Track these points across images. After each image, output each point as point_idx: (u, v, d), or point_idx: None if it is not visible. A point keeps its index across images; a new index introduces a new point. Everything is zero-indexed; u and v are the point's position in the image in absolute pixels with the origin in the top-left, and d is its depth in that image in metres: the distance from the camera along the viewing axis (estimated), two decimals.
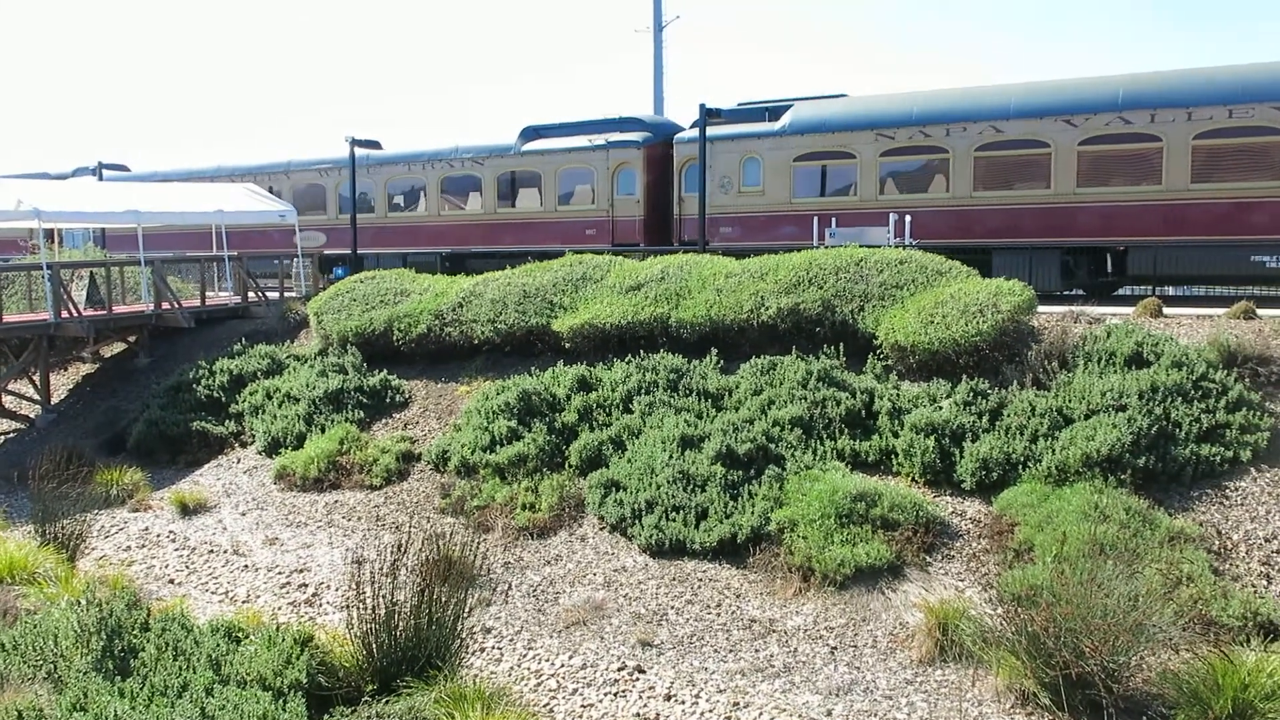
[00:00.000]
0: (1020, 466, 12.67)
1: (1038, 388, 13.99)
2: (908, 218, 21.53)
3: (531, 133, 29.05)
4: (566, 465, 15.15)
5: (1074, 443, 12.39)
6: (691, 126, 26.02)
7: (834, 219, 23.25)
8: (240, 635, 9.07)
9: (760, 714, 9.53)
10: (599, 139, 27.56)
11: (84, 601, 9.05)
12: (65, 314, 21.73)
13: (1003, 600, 9.73)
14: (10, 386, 22.66)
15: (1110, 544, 10.37)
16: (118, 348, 24.46)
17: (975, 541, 11.99)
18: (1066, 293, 21.24)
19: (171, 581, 13.82)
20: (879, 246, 18.63)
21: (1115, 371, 13.70)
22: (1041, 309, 16.18)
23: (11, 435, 21.91)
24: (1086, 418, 12.95)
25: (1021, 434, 13.08)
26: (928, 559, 11.72)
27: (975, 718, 9.12)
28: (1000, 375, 14.43)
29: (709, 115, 23.79)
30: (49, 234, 29.80)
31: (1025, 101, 22.17)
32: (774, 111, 25.40)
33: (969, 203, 22.62)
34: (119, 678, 7.59)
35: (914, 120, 23.22)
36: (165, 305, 23.57)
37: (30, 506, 15.18)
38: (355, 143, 28.20)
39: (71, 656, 8.18)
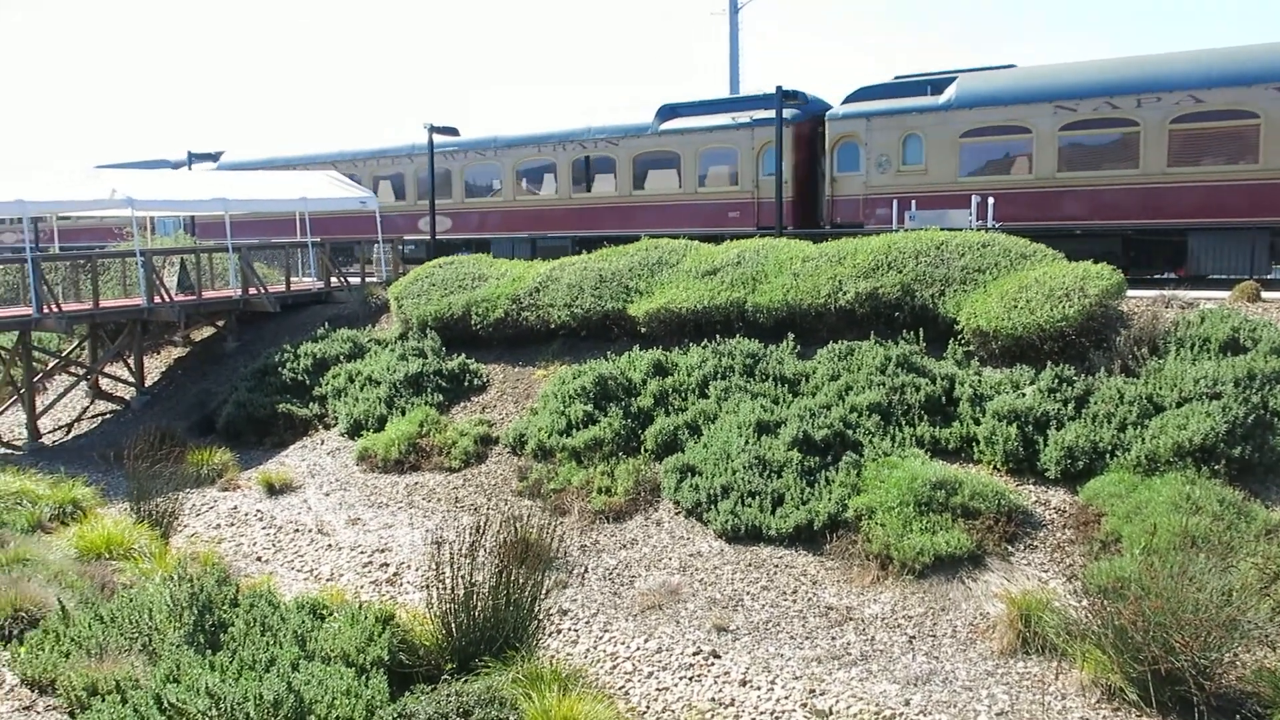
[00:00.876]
0: (1108, 455, 12.34)
1: (1126, 374, 13.62)
2: (990, 199, 21.03)
3: (669, 111, 27.93)
4: (642, 450, 15.18)
5: (1165, 431, 12.03)
6: (845, 102, 24.96)
7: (1004, 199, 21.88)
8: (324, 612, 9.27)
9: (837, 702, 9.46)
10: (743, 116, 26.15)
11: (177, 577, 9.34)
12: (158, 299, 22.41)
13: (1088, 592, 9.50)
14: (107, 369, 23.46)
15: (1203, 536, 10.04)
16: (207, 332, 25.16)
17: (1059, 532, 11.73)
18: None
19: (259, 559, 14.19)
20: (959, 228, 18.22)
21: (1209, 358, 13.26)
22: (1131, 293, 15.73)
23: (108, 416, 22.68)
24: (1178, 406, 12.56)
25: (1109, 422, 12.75)
26: (1010, 549, 11.51)
27: (1058, 711, 8.94)
28: (1087, 361, 14.07)
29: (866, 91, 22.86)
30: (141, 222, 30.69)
31: (1229, 68, 20.56)
32: (936, 85, 23.88)
33: (1162, 179, 21.09)
34: (210, 651, 7.82)
35: (1100, 90, 21.57)
36: (252, 290, 24.17)
37: (126, 485, 15.70)
38: (434, 129, 28.47)
39: (165, 630, 8.45)
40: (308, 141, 37.12)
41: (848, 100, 24.90)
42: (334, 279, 26.11)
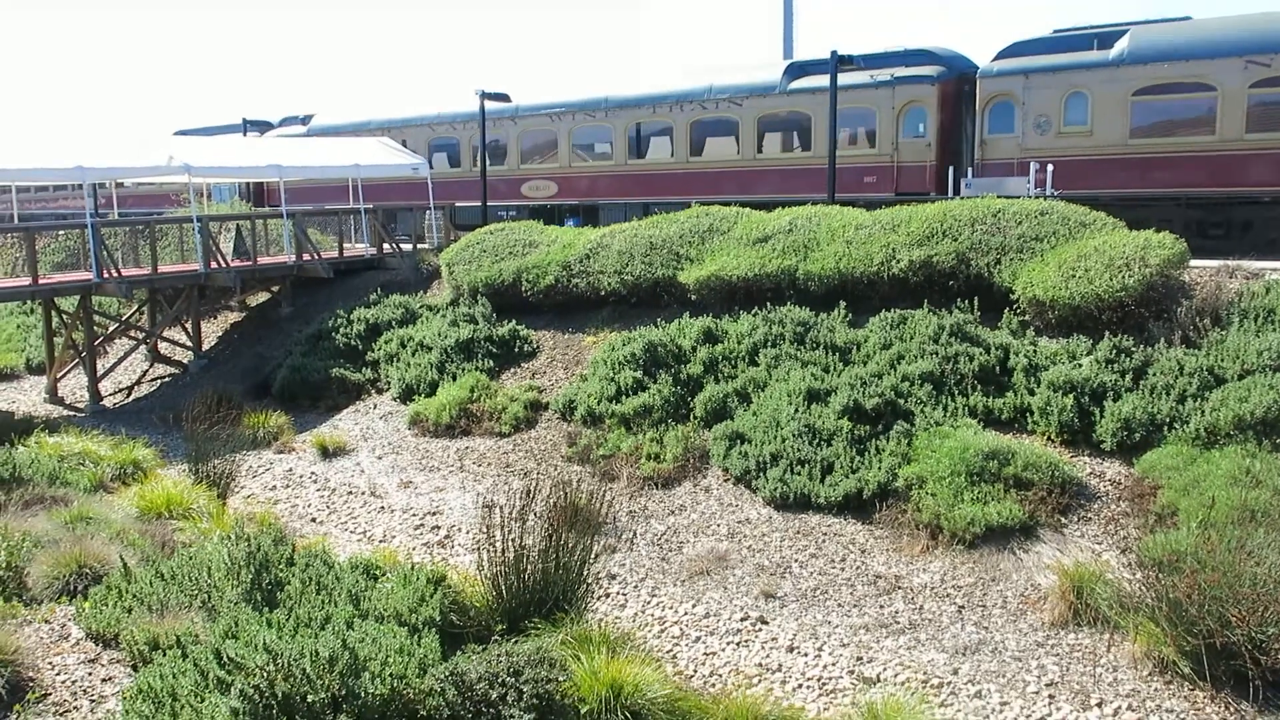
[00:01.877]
0: (1165, 428, 12.14)
1: (1187, 346, 13.35)
2: (1049, 167, 20.52)
3: (797, 70, 26.12)
4: (691, 417, 15.19)
5: (1225, 404, 11.79)
6: (997, 58, 23.00)
7: (1178, 163, 20.47)
8: (377, 573, 9.41)
9: (884, 669, 9.45)
10: (883, 74, 24.32)
11: (234, 536, 9.51)
12: (214, 265, 22.76)
13: (1143, 565, 9.37)
14: (165, 334, 23.90)
15: (1262, 511, 9.86)
16: (262, 297, 25.51)
17: (1114, 504, 11.57)
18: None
19: (313, 520, 14.44)
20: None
21: (1274, 329, 12.95)
22: (1194, 263, 15.38)
23: (167, 379, 23.12)
24: (1240, 378, 12.30)
25: (1168, 394, 12.52)
26: (1062, 520, 11.38)
27: (1110, 684, 8.86)
28: (1146, 332, 13.81)
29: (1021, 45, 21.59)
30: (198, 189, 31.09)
31: None
32: (1104, 38, 21.90)
33: None
34: (266, 609, 7.97)
35: None
36: (306, 256, 24.45)
37: (185, 446, 16.02)
38: (485, 95, 28.40)
39: (223, 587, 8.62)
40: (398, 105, 35.54)
41: (1000, 56, 23.10)
42: (386, 245, 26.31)
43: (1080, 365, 13.38)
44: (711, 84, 27.08)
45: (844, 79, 24.17)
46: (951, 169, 23.37)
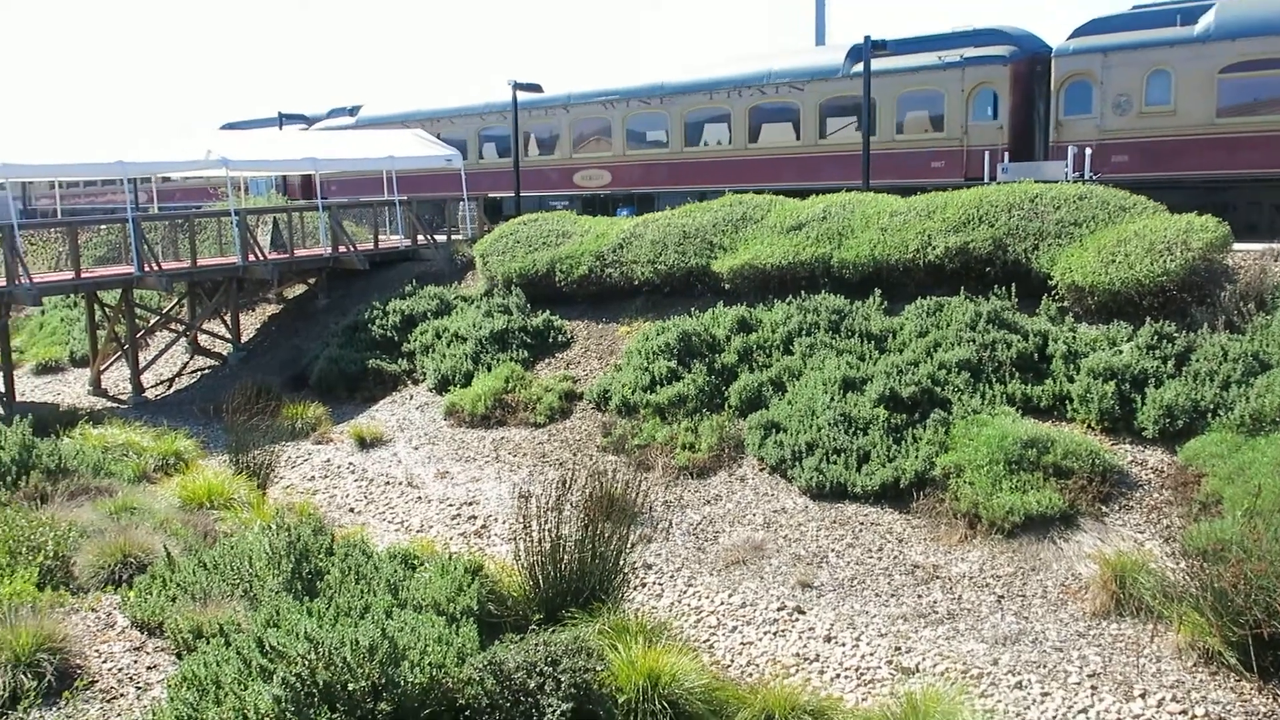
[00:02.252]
0: (1209, 415, 11.95)
1: (1231, 331, 13.13)
2: (1088, 151, 20.18)
3: (859, 53, 24.24)
4: (726, 406, 15.16)
5: (1271, 390, 11.59)
6: (1073, 35, 21.96)
7: (1272, 143, 19.39)
8: (415, 562, 9.48)
9: (923, 659, 9.39)
10: (951, 55, 23.33)
11: (274, 526, 9.62)
12: (252, 257, 22.98)
13: (1187, 554, 9.25)
14: (205, 326, 24.19)
15: None
16: (299, 289, 25.74)
17: (1156, 492, 11.42)
18: None
19: (352, 510, 14.56)
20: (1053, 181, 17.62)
21: None
22: (1237, 247, 15.12)
23: (207, 371, 23.41)
24: None
25: (1211, 380, 12.32)
26: (1103, 509, 11.24)
27: (1153, 674, 8.75)
28: (1188, 318, 13.60)
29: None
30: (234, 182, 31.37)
31: None
32: (1187, 14, 20.87)
33: None
34: (307, 598, 8.05)
35: None
36: (341, 249, 24.63)
37: (225, 437, 16.22)
38: (517, 86, 28.45)
39: (264, 577, 8.72)
40: (446, 95, 34.93)
41: (1077, 34, 22.09)
42: (420, 236, 26.44)
43: (1121, 351, 13.20)
44: (771, 68, 26.21)
45: (910, 60, 23.87)
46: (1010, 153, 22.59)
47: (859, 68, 24.08)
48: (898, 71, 24.05)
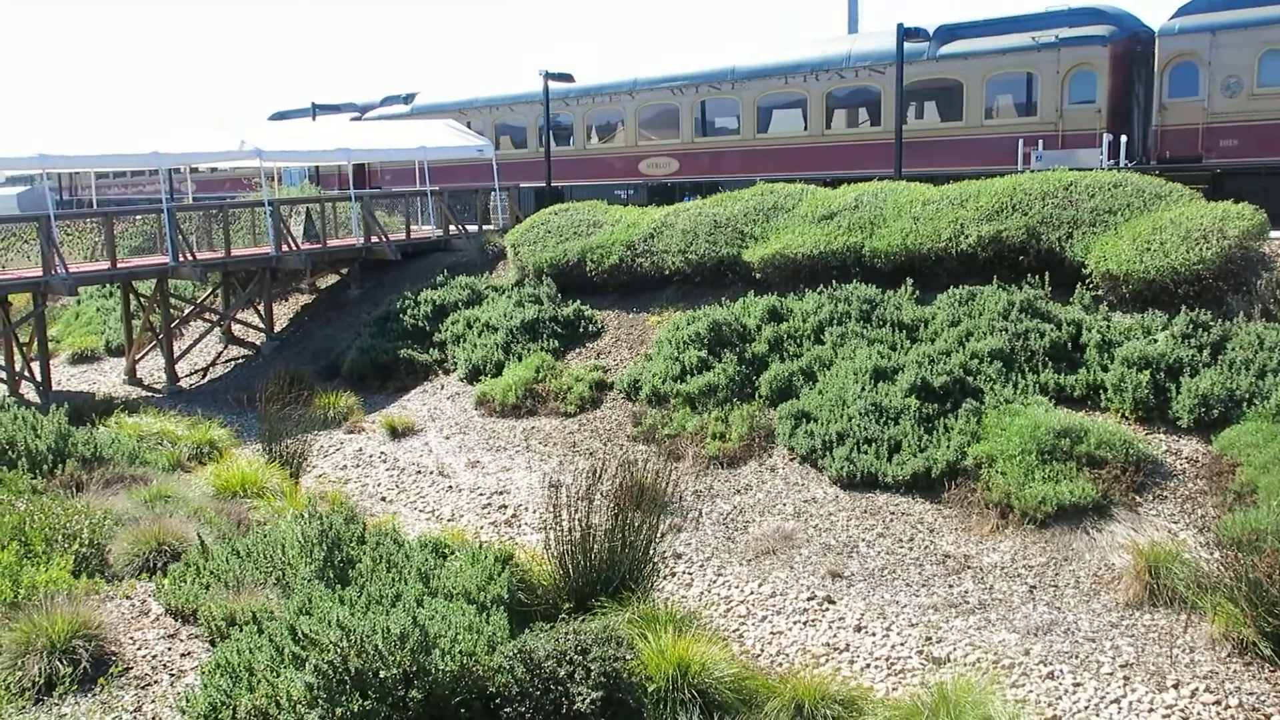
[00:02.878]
0: (1245, 404, 11.80)
1: (1267, 319, 12.95)
2: (1124, 139, 19.83)
3: (946, 33, 23.87)
4: (756, 395, 15.13)
5: None
6: (1178, 14, 20.88)
7: None
8: (446, 551, 9.53)
9: (954, 650, 9.35)
10: (1046, 35, 22.16)
11: (307, 515, 9.69)
12: (285, 248, 23.16)
13: (1221, 544, 9.16)
14: (238, 316, 24.42)
15: None
16: (331, 280, 25.92)
17: (1191, 482, 11.29)
18: None
19: (383, 499, 14.68)
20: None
21: None
22: (1274, 234, 14.89)
23: (240, 361, 23.64)
24: None
25: (1247, 369, 12.16)
26: (1137, 499, 11.13)
27: (1186, 665, 8.67)
28: (1224, 306, 13.42)
29: None
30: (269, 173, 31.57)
31: None
32: None
33: None
34: (339, 586, 8.12)
35: None
36: (374, 239, 24.77)
37: (258, 426, 16.39)
38: (549, 76, 28.43)
39: (297, 565, 8.80)
40: (505, 81, 33.49)
41: (1182, 13, 21.01)
42: (452, 227, 26.53)
43: (1155, 340, 13.05)
44: (851, 50, 25.13)
45: (1001, 41, 22.90)
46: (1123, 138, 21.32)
47: (949, 49, 23.35)
48: (986, 53, 22.99)
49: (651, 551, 9.54)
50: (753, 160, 26.85)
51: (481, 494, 14.40)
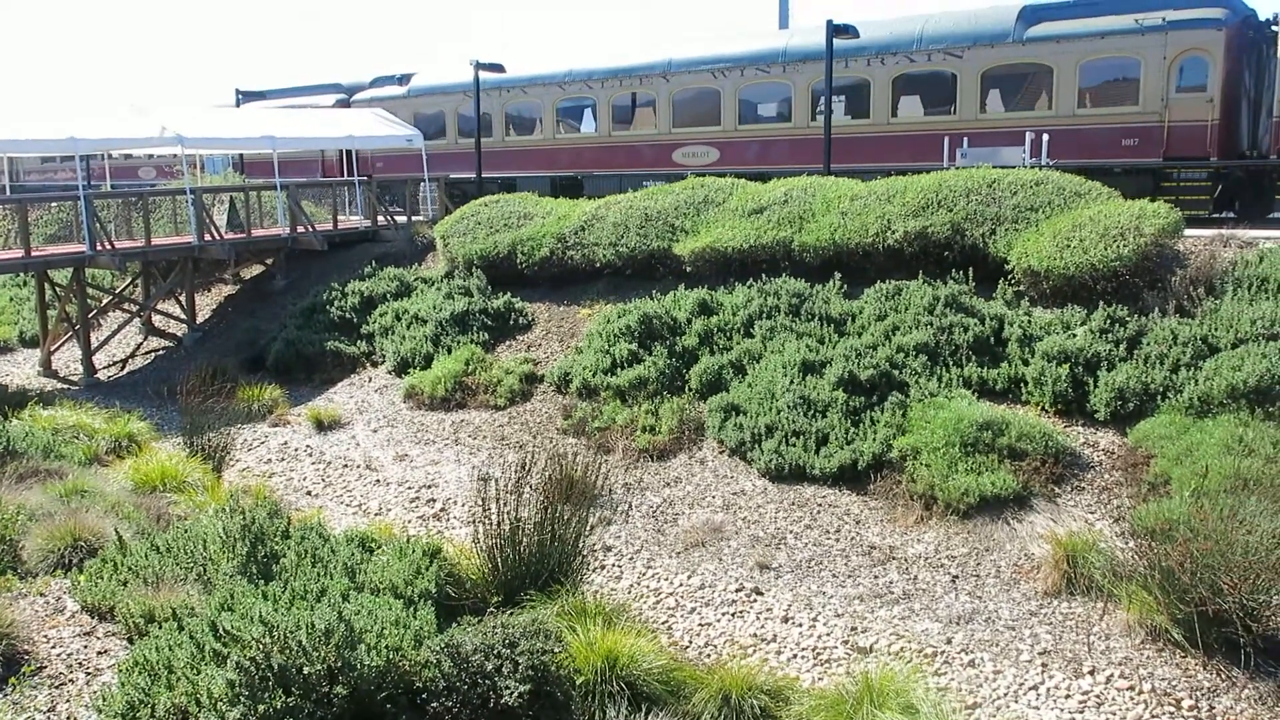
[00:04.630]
0: (1159, 397, 12.15)
1: (1181, 315, 13.35)
2: (1045, 136, 20.17)
3: (1033, 14, 22.21)
4: (686, 389, 15.19)
5: (1219, 373, 11.80)
6: None
7: None
8: (373, 545, 9.44)
9: (878, 639, 9.50)
10: (1151, 18, 20.52)
11: (229, 509, 9.54)
12: (208, 237, 22.67)
13: (1136, 534, 9.44)
14: (159, 306, 23.84)
15: (1255, 479, 9.88)
16: (256, 270, 25.44)
17: (1107, 474, 11.61)
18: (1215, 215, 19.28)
19: (309, 493, 14.46)
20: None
21: (1268, 299, 12.95)
22: (1189, 232, 15.35)
23: (161, 353, 23.09)
24: (1233, 347, 12.31)
25: (1162, 363, 12.53)
26: (1056, 490, 11.41)
27: (1102, 651, 8.92)
28: (1140, 302, 13.80)
29: None
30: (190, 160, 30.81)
31: None
32: None
33: None
34: (262, 581, 7.99)
35: None
36: (300, 229, 24.35)
37: (180, 420, 16.03)
38: (479, 66, 28.10)
39: (219, 560, 8.65)
40: (520, 61, 30.82)
41: None
42: (381, 217, 26.20)
43: (1074, 335, 13.38)
44: (922, 31, 23.24)
45: (1099, 23, 21.36)
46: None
47: (1034, 30, 21.86)
48: (1080, 36, 21.31)
49: (581, 544, 9.55)
50: (803, 150, 24.81)
51: (410, 488, 14.26)
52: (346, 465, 15.37)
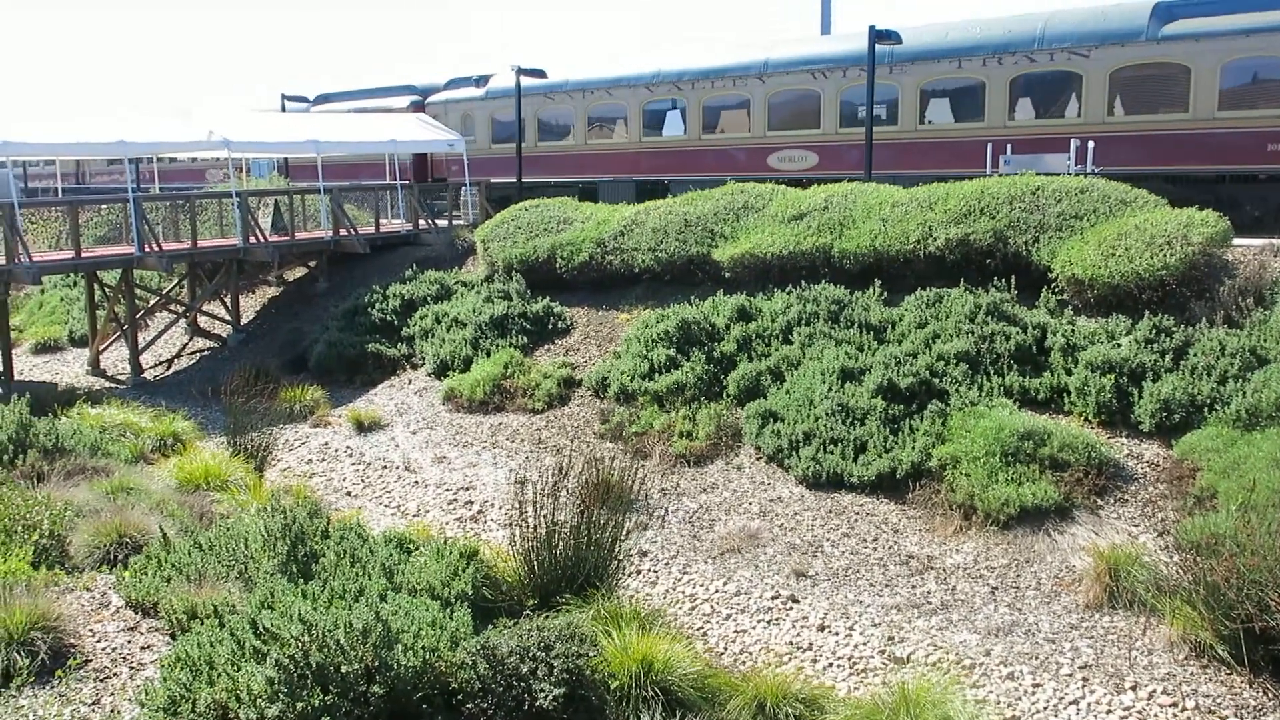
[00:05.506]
0: (1206, 409, 11.96)
1: (1229, 326, 13.13)
2: (1089, 144, 19.76)
3: (1166, 11, 20.65)
4: (724, 395, 15.16)
5: (1268, 385, 11.59)
6: None
7: None
8: (411, 547, 9.50)
9: (915, 650, 9.42)
10: None
11: (270, 509, 9.64)
12: (253, 239, 22.97)
13: (1180, 548, 9.28)
14: (205, 308, 24.18)
15: None
16: (299, 272, 25.73)
17: (1151, 486, 11.44)
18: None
19: (348, 493, 14.59)
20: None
21: None
22: (1237, 242, 15.10)
23: (206, 353, 23.41)
24: None
25: (1209, 374, 12.33)
26: (1099, 502, 11.26)
27: (1144, 667, 8.78)
28: (1187, 312, 13.59)
29: None
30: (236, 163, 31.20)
31: None
32: None
33: None
34: (302, 580, 8.07)
35: None
36: (342, 232, 24.61)
37: (223, 419, 16.24)
38: (521, 71, 28.23)
39: (260, 559, 8.75)
40: (604, 63, 29.88)
41: None
42: (422, 221, 26.40)
43: (1119, 345, 13.20)
44: (1044, 29, 21.85)
45: (1244, 20, 19.64)
46: None
47: (1173, 28, 20.30)
48: (1221, 34, 19.74)
49: (617, 549, 9.55)
50: (909, 154, 23.64)
51: (447, 490, 14.35)
52: (386, 466, 15.49)
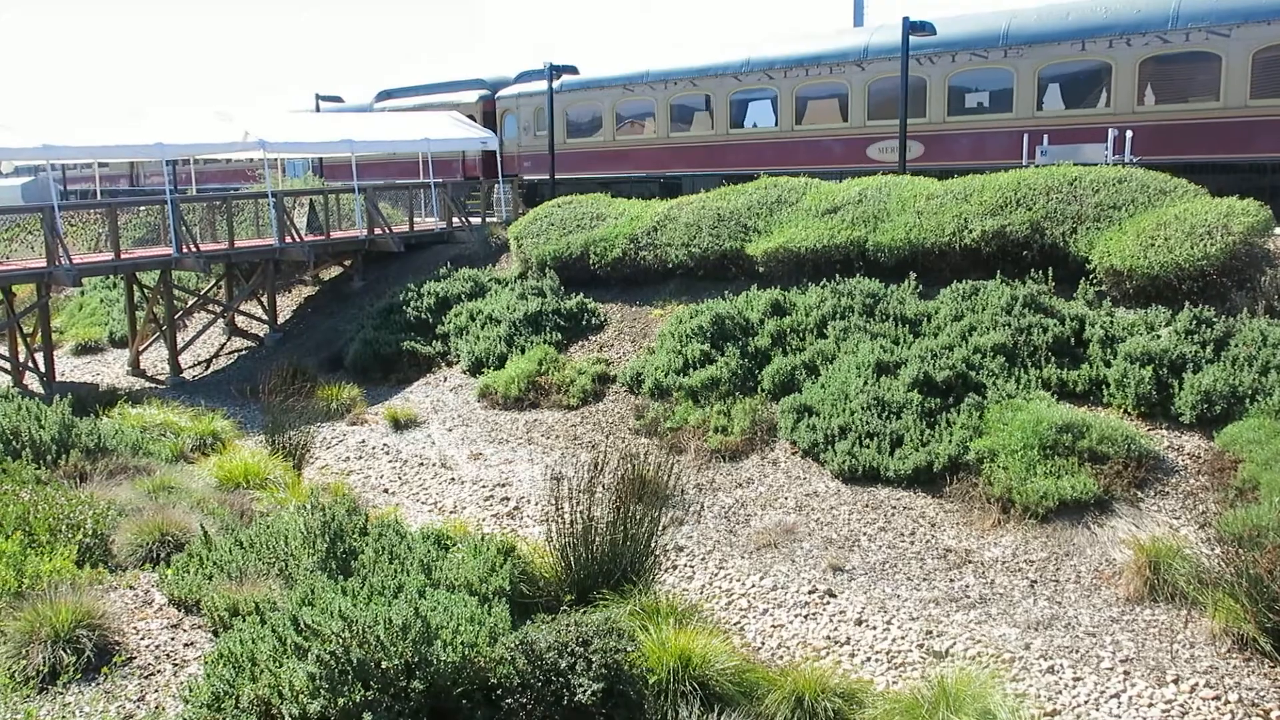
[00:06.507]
0: (1247, 400, 11.78)
1: (1271, 316, 12.93)
2: (1129, 133, 19.34)
3: None
4: (759, 389, 15.13)
5: None
6: None
7: None
8: (448, 543, 9.56)
9: (954, 644, 9.37)
10: None
11: (309, 506, 9.73)
12: (289, 239, 23.19)
13: (1222, 540, 9.16)
14: (242, 307, 24.44)
15: None
16: (334, 271, 25.94)
17: (1192, 478, 11.30)
18: None
19: (386, 490, 14.71)
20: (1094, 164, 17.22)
21: None
22: (1279, 231, 14.87)
23: (244, 352, 23.67)
24: None
25: (1250, 365, 12.15)
26: (1139, 494, 11.14)
27: (1186, 660, 8.69)
28: (1228, 302, 13.40)
29: None
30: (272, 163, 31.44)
31: None
32: None
33: None
34: (341, 577, 8.15)
35: None
36: (377, 230, 24.79)
37: (261, 418, 16.43)
38: (552, 69, 28.29)
39: (299, 556, 8.83)
40: (684, 52, 28.27)
41: None
42: (455, 219, 26.54)
43: (1159, 336, 13.05)
44: (1179, 8, 19.82)
45: None
46: None
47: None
48: None
49: (653, 544, 9.56)
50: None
51: (484, 486, 14.43)
52: (422, 463, 15.60)
